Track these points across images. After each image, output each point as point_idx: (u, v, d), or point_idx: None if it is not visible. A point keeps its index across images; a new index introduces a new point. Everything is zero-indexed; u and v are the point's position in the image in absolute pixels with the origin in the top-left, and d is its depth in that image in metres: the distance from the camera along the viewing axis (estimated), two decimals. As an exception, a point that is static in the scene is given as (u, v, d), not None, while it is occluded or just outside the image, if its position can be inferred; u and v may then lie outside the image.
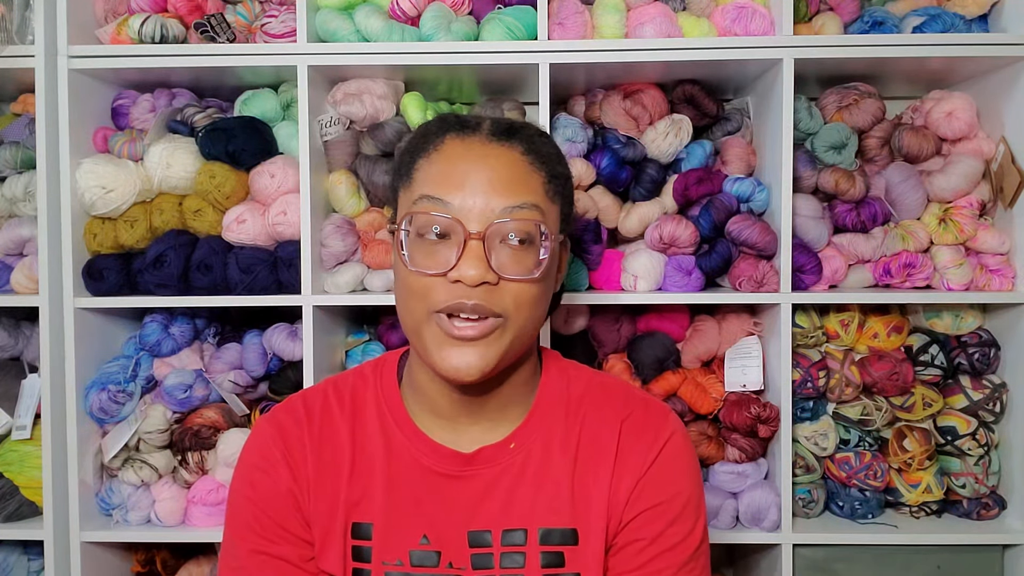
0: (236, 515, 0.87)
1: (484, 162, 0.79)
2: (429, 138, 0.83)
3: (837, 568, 1.44)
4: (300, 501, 0.85)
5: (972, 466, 1.45)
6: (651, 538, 0.83)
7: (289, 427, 0.88)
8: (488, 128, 0.83)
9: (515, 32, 1.39)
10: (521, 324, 0.79)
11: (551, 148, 0.86)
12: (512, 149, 0.81)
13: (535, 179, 0.80)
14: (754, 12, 1.41)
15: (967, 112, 1.47)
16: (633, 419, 0.88)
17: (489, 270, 0.76)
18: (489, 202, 0.77)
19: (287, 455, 0.86)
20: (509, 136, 0.82)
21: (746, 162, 1.50)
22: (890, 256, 1.47)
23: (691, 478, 0.87)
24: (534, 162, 0.81)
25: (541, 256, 0.79)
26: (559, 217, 0.84)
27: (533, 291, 0.79)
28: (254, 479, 0.86)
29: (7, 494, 1.44)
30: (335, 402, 0.89)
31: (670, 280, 1.45)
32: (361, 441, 0.87)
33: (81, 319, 1.42)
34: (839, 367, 1.46)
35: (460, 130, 0.82)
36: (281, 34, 1.43)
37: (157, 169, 1.42)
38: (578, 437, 0.87)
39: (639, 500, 0.84)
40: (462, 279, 0.76)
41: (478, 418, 0.87)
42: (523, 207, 0.78)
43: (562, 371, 0.92)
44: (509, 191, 0.78)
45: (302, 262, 1.39)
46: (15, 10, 1.38)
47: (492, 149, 0.80)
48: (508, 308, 0.78)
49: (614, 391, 0.91)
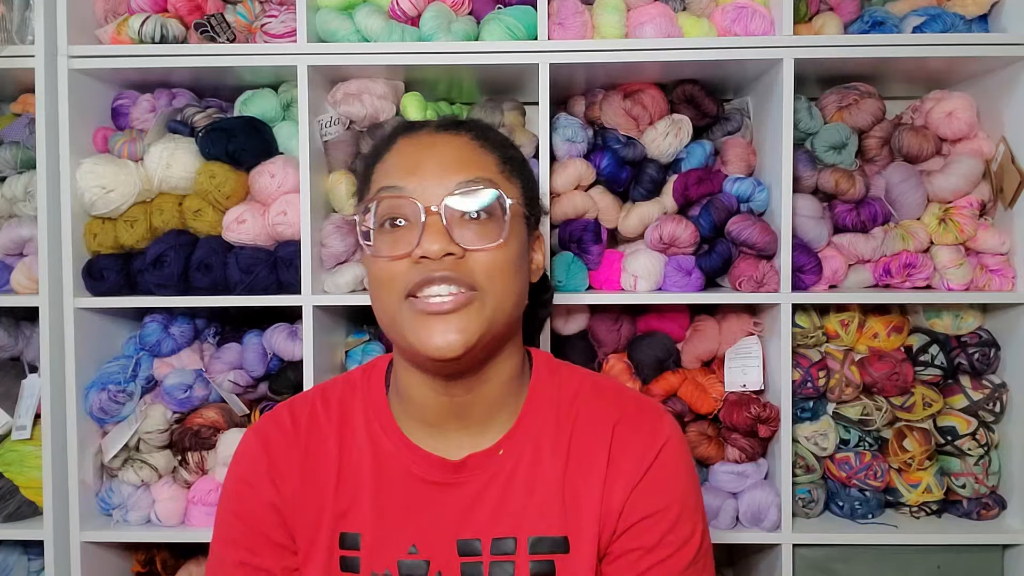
0: (221, 527, 0.89)
1: (434, 149, 0.82)
2: (382, 144, 0.87)
3: (837, 568, 1.44)
4: (284, 514, 0.86)
5: (972, 466, 1.45)
6: (649, 547, 0.82)
7: (275, 440, 0.88)
8: (435, 124, 0.87)
9: (515, 32, 1.39)
10: (498, 296, 0.80)
11: (501, 137, 0.89)
12: (460, 136, 0.84)
13: (487, 159, 0.83)
14: (754, 12, 1.41)
15: (967, 112, 1.47)
16: (626, 422, 0.86)
17: (451, 242, 0.77)
18: (443, 180, 0.79)
19: (271, 470, 0.87)
20: (457, 127, 0.86)
21: (746, 162, 1.50)
22: (890, 256, 1.47)
23: (688, 483, 0.86)
24: (484, 145, 0.84)
25: (504, 219, 0.80)
26: (521, 195, 0.85)
27: (500, 259, 0.80)
28: (239, 492, 0.88)
29: (7, 494, 1.44)
30: (322, 411, 0.89)
31: (670, 280, 1.45)
32: (349, 450, 0.87)
33: (81, 319, 1.42)
34: (839, 367, 1.46)
35: (408, 130, 0.87)
36: (281, 34, 1.43)
37: (157, 169, 1.42)
38: (568, 442, 0.85)
39: (635, 508, 0.83)
40: (426, 254, 0.77)
41: (466, 423, 0.86)
42: (477, 180, 0.80)
43: (552, 372, 0.91)
44: (461, 168, 0.80)
45: (302, 262, 1.39)
46: (15, 10, 1.38)
47: (440, 138, 0.84)
48: (480, 280, 0.78)
49: (606, 392, 0.90)
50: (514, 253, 0.82)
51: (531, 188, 0.88)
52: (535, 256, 0.90)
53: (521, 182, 0.86)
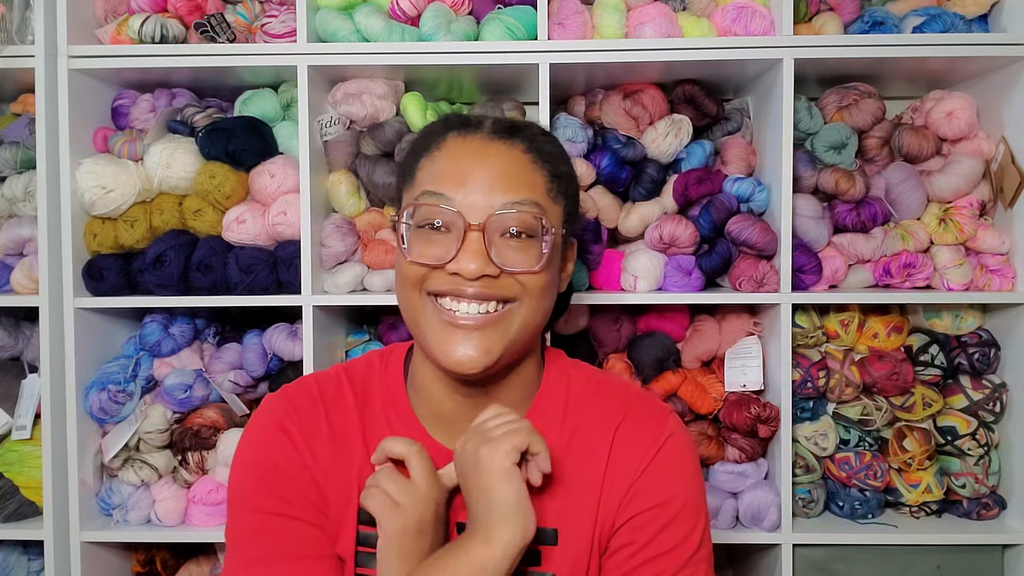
0: (246, 483, 0.83)
1: (485, 159, 0.80)
2: (432, 137, 0.84)
3: (837, 568, 1.44)
4: (317, 479, 0.83)
5: (972, 466, 1.45)
6: (644, 541, 0.82)
7: (304, 406, 0.86)
8: (490, 126, 0.83)
9: (515, 32, 1.39)
10: (526, 316, 0.80)
11: (554, 147, 0.86)
12: (514, 147, 0.81)
13: (537, 177, 0.81)
14: (754, 12, 1.41)
15: (967, 112, 1.47)
16: (629, 421, 0.86)
17: (489, 263, 0.77)
18: (489, 197, 0.78)
19: (303, 432, 0.84)
20: (511, 134, 0.82)
21: (746, 162, 1.50)
22: (890, 256, 1.47)
23: (689, 481, 0.85)
24: (536, 160, 0.81)
25: (543, 249, 0.79)
26: (563, 216, 0.84)
27: (534, 282, 0.79)
28: (270, 447, 0.83)
29: (7, 494, 1.44)
30: (348, 387, 0.89)
31: (670, 280, 1.44)
32: (371, 430, 0.87)
33: (81, 319, 1.42)
34: (839, 367, 1.46)
35: (462, 128, 0.83)
36: (281, 34, 1.43)
37: (157, 169, 1.42)
38: (570, 438, 0.86)
39: (633, 503, 0.83)
40: (460, 272, 0.76)
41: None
42: (524, 203, 0.78)
43: (562, 371, 0.91)
44: (510, 187, 0.78)
45: (302, 262, 1.39)
46: (15, 10, 1.38)
47: (493, 147, 0.81)
48: (511, 299, 0.79)
49: (612, 391, 0.90)
50: (549, 275, 0.82)
51: (574, 204, 0.87)
52: (567, 265, 0.90)
53: (565, 201, 0.85)
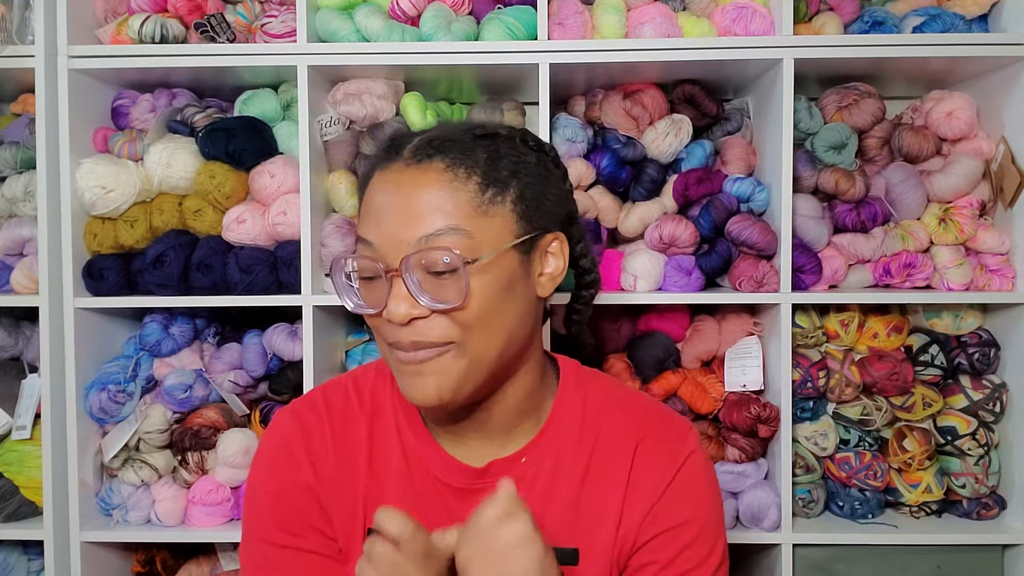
0: (257, 511, 0.85)
1: (399, 192, 0.74)
2: (366, 174, 0.81)
3: (837, 568, 1.44)
4: (321, 499, 0.84)
5: (972, 466, 1.45)
6: (666, 561, 0.81)
7: (311, 423, 0.86)
8: (409, 152, 0.77)
9: (515, 32, 1.39)
10: (476, 345, 0.75)
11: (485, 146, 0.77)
12: (430, 169, 0.74)
13: (459, 195, 0.74)
14: (754, 12, 1.41)
15: (967, 112, 1.47)
16: (649, 440, 0.85)
17: (415, 305, 0.73)
18: (401, 235, 0.73)
19: (309, 450, 0.85)
20: (431, 155, 0.75)
21: (746, 162, 1.50)
22: (890, 256, 1.47)
23: (708, 502, 0.85)
24: (459, 175, 0.74)
25: (464, 281, 0.72)
26: (513, 222, 0.76)
27: (470, 317, 0.74)
28: (276, 472, 0.85)
29: (7, 494, 1.44)
30: (355, 398, 0.88)
31: (670, 280, 1.44)
32: (379, 441, 0.86)
33: (81, 319, 1.42)
34: (839, 367, 1.46)
35: (384, 160, 0.78)
36: (281, 34, 1.43)
37: (157, 169, 1.42)
38: (589, 455, 0.84)
39: (653, 523, 0.82)
40: (390, 318, 0.74)
41: (488, 434, 0.85)
42: (438, 234, 0.72)
43: (580, 384, 0.89)
44: (421, 220, 0.73)
45: (302, 262, 1.39)
46: (15, 10, 1.38)
47: (408, 175, 0.75)
48: (452, 335, 0.74)
49: (632, 408, 0.88)
50: (489, 302, 0.75)
51: (535, 201, 0.78)
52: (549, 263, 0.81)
53: (514, 203, 0.76)
